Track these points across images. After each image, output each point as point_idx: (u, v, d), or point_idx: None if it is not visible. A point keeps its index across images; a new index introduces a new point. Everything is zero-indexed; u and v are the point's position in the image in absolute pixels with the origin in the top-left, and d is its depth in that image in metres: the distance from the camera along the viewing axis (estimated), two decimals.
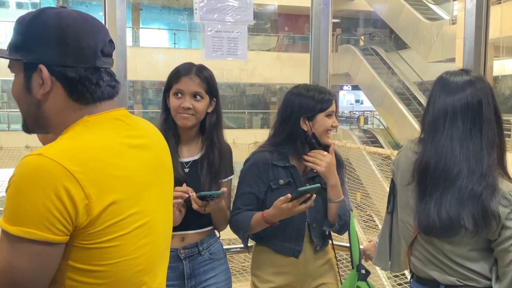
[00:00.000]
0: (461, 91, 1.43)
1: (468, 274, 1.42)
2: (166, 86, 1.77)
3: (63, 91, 0.96)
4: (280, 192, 1.74)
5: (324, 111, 1.77)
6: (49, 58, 0.94)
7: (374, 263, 1.76)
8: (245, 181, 1.80)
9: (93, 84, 0.97)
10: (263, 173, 1.77)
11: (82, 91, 0.96)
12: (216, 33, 2.11)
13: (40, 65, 0.94)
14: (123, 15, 1.87)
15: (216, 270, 1.81)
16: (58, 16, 0.96)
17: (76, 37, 0.95)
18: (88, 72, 0.96)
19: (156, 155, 1.07)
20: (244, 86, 19.15)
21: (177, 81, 1.72)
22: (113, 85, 1.01)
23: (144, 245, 0.99)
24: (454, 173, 1.39)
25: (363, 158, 11.03)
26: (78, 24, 0.96)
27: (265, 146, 1.84)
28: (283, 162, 1.78)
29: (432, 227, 1.41)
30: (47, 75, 0.94)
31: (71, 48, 0.95)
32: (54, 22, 0.95)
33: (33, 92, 0.96)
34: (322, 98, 1.78)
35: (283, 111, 1.82)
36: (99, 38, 0.98)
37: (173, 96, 1.72)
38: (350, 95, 24.44)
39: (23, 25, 0.96)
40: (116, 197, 0.92)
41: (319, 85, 2.02)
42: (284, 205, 1.61)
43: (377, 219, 9.23)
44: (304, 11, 16.64)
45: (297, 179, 1.79)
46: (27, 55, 0.95)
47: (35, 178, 0.86)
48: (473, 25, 1.90)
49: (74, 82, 0.96)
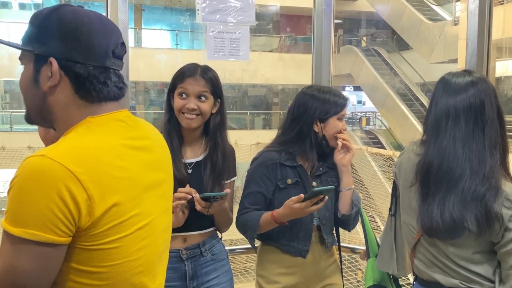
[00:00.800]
0: (463, 92, 1.42)
1: (472, 276, 1.42)
2: (170, 86, 1.76)
3: (70, 86, 0.96)
4: (288, 192, 1.75)
5: (337, 114, 1.80)
6: (60, 52, 0.95)
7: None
8: (253, 180, 1.80)
9: (100, 83, 0.97)
10: (271, 172, 1.77)
11: (89, 89, 0.97)
12: (218, 33, 2.11)
13: (51, 58, 0.95)
14: (125, 16, 1.87)
15: (218, 271, 1.81)
16: (74, 13, 0.97)
17: (89, 34, 0.95)
18: (96, 70, 0.97)
19: (156, 157, 1.07)
20: (246, 87, 19.16)
21: (181, 82, 1.72)
22: (120, 86, 1.01)
23: (144, 246, 0.99)
24: (457, 174, 1.39)
25: (365, 159, 11.02)
26: (93, 23, 0.97)
27: (273, 146, 1.84)
28: (291, 162, 1.79)
29: (435, 228, 1.40)
30: (56, 68, 0.95)
31: (83, 44, 0.95)
32: (70, 18, 0.96)
33: (41, 84, 0.97)
34: (337, 101, 1.80)
35: (295, 111, 1.82)
36: (111, 39, 0.99)
37: (178, 96, 1.72)
38: (352, 96, 24.41)
39: (40, 18, 0.97)
40: (118, 198, 0.92)
41: (331, 87, 2.03)
42: (296, 205, 1.61)
43: (379, 220, 9.21)
44: (306, 12, 16.64)
45: (304, 179, 1.79)
46: (39, 47, 0.95)
47: (38, 179, 0.86)
48: (476, 26, 1.90)
49: (82, 79, 0.96)
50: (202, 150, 1.78)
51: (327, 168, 1.85)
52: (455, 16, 14.40)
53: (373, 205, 9.76)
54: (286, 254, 1.81)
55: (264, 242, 1.87)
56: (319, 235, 1.84)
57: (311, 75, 2.38)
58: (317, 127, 1.79)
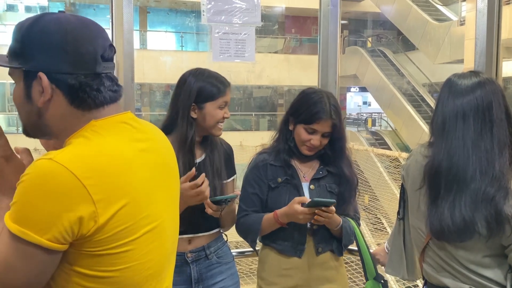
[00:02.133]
0: (470, 93, 1.40)
1: (482, 281, 1.39)
2: (200, 98, 1.73)
3: (64, 98, 0.95)
4: (280, 191, 1.79)
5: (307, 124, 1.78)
6: (48, 65, 0.93)
7: (387, 272, 1.73)
8: (247, 182, 1.84)
9: (94, 90, 0.96)
10: (262, 173, 1.81)
11: (83, 98, 0.95)
12: (223, 35, 2.10)
13: (40, 73, 0.93)
14: (130, 18, 1.87)
15: (224, 274, 1.80)
16: (56, 22, 0.94)
17: (75, 43, 0.93)
18: (88, 78, 0.95)
19: (162, 158, 1.06)
20: (252, 88, 19.15)
21: (224, 94, 1.75)
22: (114, 89, 1.00)
23: (153, 249, 0.98)
24: (467, 174, 1.36)
25: (371, 160, 10.99)
26: (77, 30, 0.94)
27: (267, 148, 1.89)
28: (280, 162, 1.81)
29: (445, 231, 1.38)
30: (46, 83, 0.93)
31: (70, 54, 0.93)
32: (52, 29, 0.93)
33: (34, 100, 0.95)
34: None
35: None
36: (98, 43, 0.96)
37: (219, 108, 1.74)
38: (357, 97, 24.37)
39: (22, 32, 0.94)
40: (126, 202, 0.91)
41: (327, 90, 2.02)
42: (296, 206, 1.65)
43: (385, 221, 9.18)
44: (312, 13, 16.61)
45: (295, 177, 1.80)
46: (26, 62, 0.93)
47: (42, 182, 0.85)
48: (485, 25, 1.88)
49: (74, 89, 0.94)
50: (202, 151, 1.79)
51: (327, 172, 1.83)
52: (461, 16, 14.33)
53: (379, 206, 9.73)
54: (282, 254, 1.81)
55: (263, 243, 1.88)
56: (313, 237, 1.82)
57: (318, 76, 2.37)
58: (292, 126, 1.82)
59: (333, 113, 1.74)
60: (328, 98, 1.77)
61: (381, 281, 1.83)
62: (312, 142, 1.76)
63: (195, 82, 1.72)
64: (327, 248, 1.83)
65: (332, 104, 1.76)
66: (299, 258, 1.79)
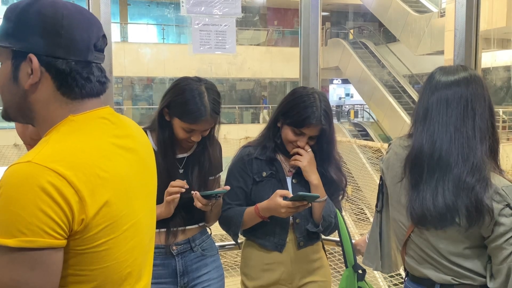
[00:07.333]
0: (454, 86, 1.41)
1: (463, 272, 1.40)
2: (169, 106, 1.66)
3: (52, 83, 0.93)
4: (264, 185, 1.78)
5: (295, 127, 1.75)
6: (40, 48, 0.90)
7: (363, 263, 1.73)
8: (232, 175, 1.82)
9: (83, 79, 0.94)
10: (247, 166, 1.80)
11: (72, 85, 0.93)
12: (203, 26, 2.07)
13: (30, 55, 0.91)
14: (107, 8, 1.83)
15: (209, 266, 1.80)
16: (53, 5, 0.92)
17: (69, 29, 0.91)
18: (79, 65, 0.93)
19: (140, 155, 1.04)
20: (234, 80, 19.10)
21: (193, 123, 1.63)
22: (103, 81, 0.98)
23: (132, 247, 0.96)
24: (451, 159, 1.36)
25: (353, 151, 11.09)
26: (73, 16, 0.93)
27: (252, 142, 1.88)
28: (265, 156, 1.80)
29: (427, 216, 1.38)
30: (37, 65, 0.91)
31: (64, 39, 0.91)
32: (48, 12, 0.91)
33: (20, 82, 0.93)
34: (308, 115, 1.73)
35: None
36: (93, 31, 0.95)
37: (182, 129, 1.65)
38: (340, 89, 24.48)
39: (16, 12, 0.92)
40: (108, 198, 0.89)
41: (315, 88, 2.00)
42: (278, 199, 1.63)
43: (368, 212, 9.27)
44: (293, 4, 16.61)
45: (280, 171, 1.80)
46: (17, 43, 0.91)
47: (27, 186, 0.82)
48: (464, 17, 1.88)
49: (64, 75, 0.92)
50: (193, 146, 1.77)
51: None
52: (441, 8, 14.47)
53: (362, 197, 9.83)
54: (264, 249, 1.80)
55: (246, 237, 1.88)
56: (294, 231, 1.82)
57: (299, 68, 2.36)
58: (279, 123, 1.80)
59: (323, 118, 1.71)
60: (320, 101, 1.73)
61: (358, 271, 1.84)
62: (298, 143, 1.75)
63: (180, 92, 1.64)
64: (309, 242, 1.83)
65: (323, 109, 1.72)
66: (280, 253, 1.79)
